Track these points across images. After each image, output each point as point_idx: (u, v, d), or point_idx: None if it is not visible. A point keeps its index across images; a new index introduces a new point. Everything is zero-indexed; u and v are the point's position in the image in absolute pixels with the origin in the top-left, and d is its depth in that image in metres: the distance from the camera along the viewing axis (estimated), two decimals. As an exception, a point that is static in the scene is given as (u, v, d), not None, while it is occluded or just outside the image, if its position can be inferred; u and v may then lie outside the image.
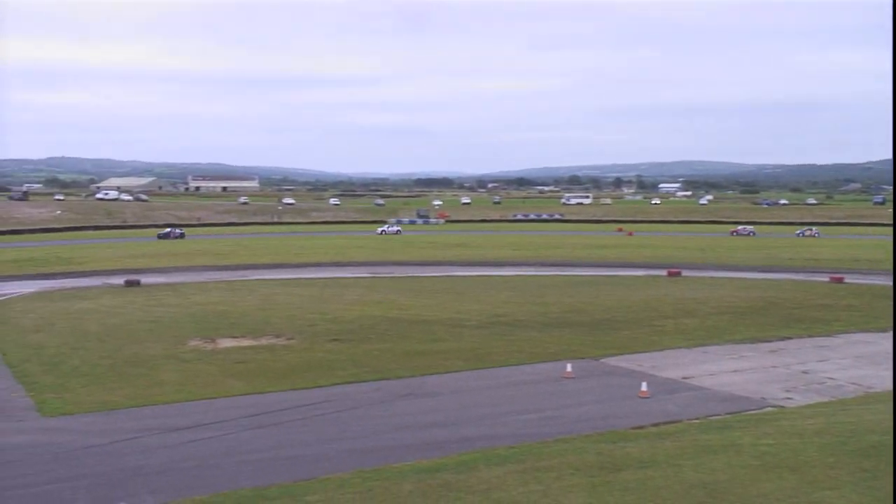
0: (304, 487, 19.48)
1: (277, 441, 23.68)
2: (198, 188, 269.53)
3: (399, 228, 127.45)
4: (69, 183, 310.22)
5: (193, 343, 38.33)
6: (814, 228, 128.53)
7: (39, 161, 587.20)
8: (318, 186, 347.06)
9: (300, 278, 65.65)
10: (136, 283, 59.92)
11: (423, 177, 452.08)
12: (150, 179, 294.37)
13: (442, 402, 28.26)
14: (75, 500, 18.96)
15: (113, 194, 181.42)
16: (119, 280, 61.83)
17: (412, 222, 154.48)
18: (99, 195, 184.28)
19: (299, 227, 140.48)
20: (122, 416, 26.58)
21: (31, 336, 39.91)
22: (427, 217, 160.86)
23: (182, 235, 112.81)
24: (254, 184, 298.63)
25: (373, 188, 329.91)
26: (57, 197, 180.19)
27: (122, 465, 21.47)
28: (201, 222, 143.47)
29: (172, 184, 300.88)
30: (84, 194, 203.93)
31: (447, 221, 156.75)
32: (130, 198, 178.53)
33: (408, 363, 34.12)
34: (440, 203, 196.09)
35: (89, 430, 24.85)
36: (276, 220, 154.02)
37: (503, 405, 27.90)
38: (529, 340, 39.20)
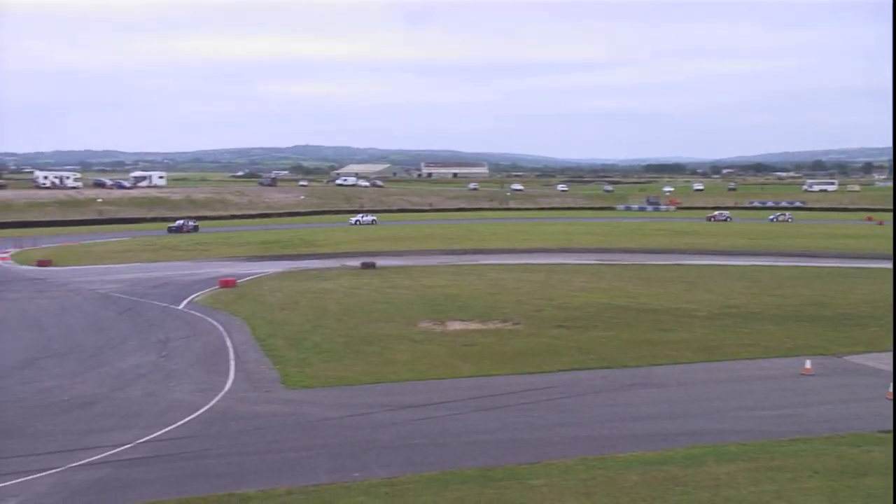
0: (528, 471, 19.74)
1: (503, 423, 24.10)
2: (430, 174, 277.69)
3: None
4: (312, 169, 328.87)
5: (424, 324, 39.66)
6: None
7: (286, 149, 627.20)
8: (547, 172, 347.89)
9: (528, 264, 66.19)
10: (372, 266, 62.65)
11: (653, 162, 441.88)
12: (386, 166, 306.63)
13: (669, 394, 27.64)
14: (315, 467, 20.25)
15: (351, 180, 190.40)
16: (356, 262, 64.98)
17: (642, 209, 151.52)
18: (338, 181, 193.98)
19: (527, 213, 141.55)
20: (357, 391, 28.02)
21: (277, 313, 42.84)
22: (657, 204, 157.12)
23: (196, 228, 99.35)
24: (483, 170, 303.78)
25: (601, 174, 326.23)
26: (301, 183, 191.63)
27: (357, 437, 22.66)
28: (432, 207, 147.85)
29: (406, 170, 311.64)
30: (325, 180, 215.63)
31: (678, 208, 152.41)
32: (367, 184, 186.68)
33: (634, 352, 33.61)
34: (671, 189, 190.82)
35: (327, 403, 26.41)
36: (504, 205, 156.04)
37: (734, 400, 26.89)
38: (764, 333, 37.45)
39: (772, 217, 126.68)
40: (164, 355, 33.81)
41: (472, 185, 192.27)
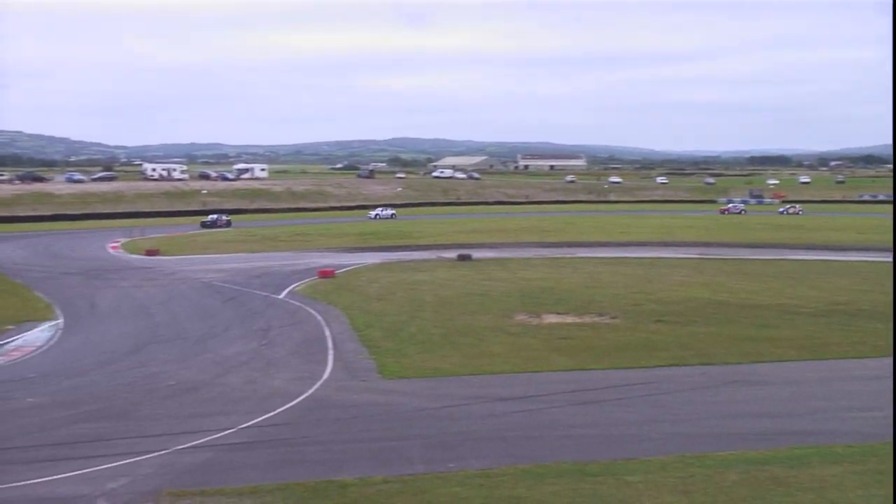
0: (624, 466, 19.52)
1: (599, 418, 23.89)
2: (527, 166, 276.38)
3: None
4: (409, 162, 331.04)
5: (519, 317, 39.59)
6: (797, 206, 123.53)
7: (384, 141, 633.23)
8: (646, 165, 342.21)
9: (625, 257, 65.35)
10: (468, 258, 62.80)
11: (756, 154, 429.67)
12: (482, 158, 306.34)
13: (772, 392, 26.91)
14: (411, 458, 20.45)
15: (448, 172, 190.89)
16: (452, 254, 65.23)
17: (745, 202, 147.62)
18: (435, 173, 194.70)
19: (625, 206, 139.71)
20: (452, 382, 28.18)
21: (374, 304, 43.39)
22: (761, 197, 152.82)
23: (228, 223, 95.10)
24: (580, 162, 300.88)
25: (702, 166, 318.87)
26: (398, 175, 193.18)
27: (452, 428, 22.79)
28: (529, 200, 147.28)
29: (503, 162, 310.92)
30: (422, 172, 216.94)
31: (783, 202, 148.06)
32: (464, 176, 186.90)
33: (735, 349, 32.83)
34: (776, 182, 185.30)
35: (423, 394, 26.64)
36: (601, 198, 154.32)
37: (841, 400, 26.02)
38: (874, 332, 36.03)
39: (781, 210, 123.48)
40: (264, 343, 34.65)
41: (569, 178, 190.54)
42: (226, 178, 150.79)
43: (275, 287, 49.30)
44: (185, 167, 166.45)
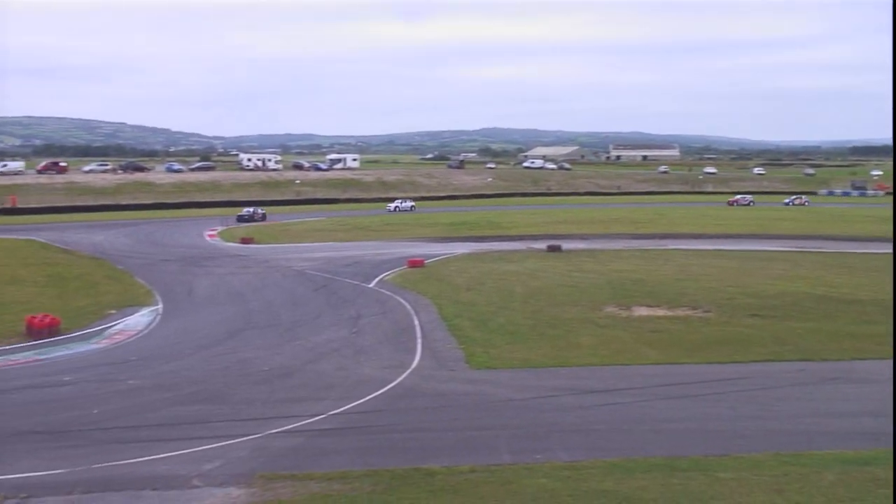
0: (716, 463, 19.17)
1: (690, 413, 23.50)
2: (618, 157, 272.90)
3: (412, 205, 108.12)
4: (499, 152, 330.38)
5: (609, 309, 39.17)
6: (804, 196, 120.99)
7: (474, 132, 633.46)
8: (742, 155, 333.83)
9: (719, 249, 63.96)
10: (558, 249, 62.40)
11: (860, 144, 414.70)
12: (574, 148, 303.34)
13: (874, 391, 25.96)
14: (498, 447, 20.47)
15: (538, 163, 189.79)
16: (542, 245, 64.92)
17: (846, 194, 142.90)
18: (526, 164, 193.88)
19: (720, 197, 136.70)
20: (540, 373, 28.07)
21: (464, 294, 43.50)
22: (864, 189, 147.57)
23: (263, 217, 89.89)
24: (674, 152, 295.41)
25: (802, 157, 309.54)
26: (488, 165, 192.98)
27: (540, 420, 22.72)
28: (620, 190, 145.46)
29: (594, 152, 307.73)
30: (512, 163, 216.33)
31: (887, 193, 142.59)
32: (554, 166, 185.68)
33: (835, 345, 31.82)
34: (880, 173, 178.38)
35: (511, 385, 26.62)
36: (695, 189, 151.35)
37: (948, 400, 24.94)
38: (985, 330, 34.45)
39: (787, 201, 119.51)
40: (355, 331, 35.12)
41: (662, 168, 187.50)
42: (318, 168, 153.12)
43: (365, 276, 49.90)
44: (279, 157, 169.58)
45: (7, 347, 32.38)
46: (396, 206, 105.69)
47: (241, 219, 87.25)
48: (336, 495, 17.32)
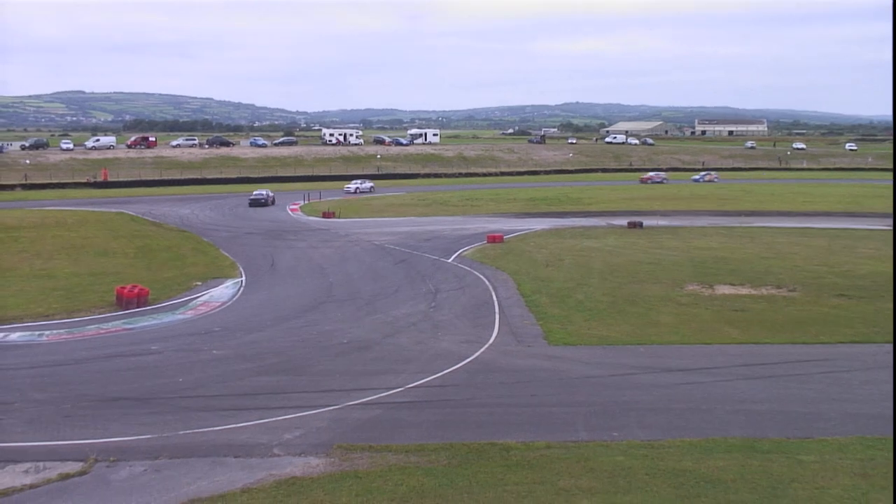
0: (798, 445, 18.79)
1: (772, 394, 23.03)
2: (703, 132, 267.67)
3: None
4: (581, 127, 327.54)
5: (691, 287, 38.57)
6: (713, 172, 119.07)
7: (556, 107, 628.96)
8: (833, 130, 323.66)
9: (807, 227, 62.26)
10: (639, 225, 61.64)
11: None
12: (657, 123, 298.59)
13: (967, 375, 25.03)
14: (574, 424, 20.41)
15: (621, 138, 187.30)
16: (622, 221, 64.19)
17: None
18: (608, 139, 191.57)
19: (809, 174, 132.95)
20: (619, 351, 27.84)
21: (542, 270, 43.33)
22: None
23: (274, 201, 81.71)
24: (762, 127, 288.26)
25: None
26: (570, 140, 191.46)
27: (617, 397, 22.56)
28: (705, 167, 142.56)
29: (678, 127, 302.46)
30: (594, 138, 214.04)
31: None
32: (637, 142, 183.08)
33: (928, 327, 30.72)
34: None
35: (589, 362, 26.47)
36: (784, 165, 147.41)
37: None
38: None
39: (696, 178, 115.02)
40: (433, 306, 35.33)
41: (749, 144, 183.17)
42: (399, 143, 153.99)
43: (444, 251, 50.10)
44: (360, 132, 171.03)
45: (98, 316, 33.55)
46: (357, 188, 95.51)
47: (252, 203, 79.99)
48: (412, 467, 17.53)
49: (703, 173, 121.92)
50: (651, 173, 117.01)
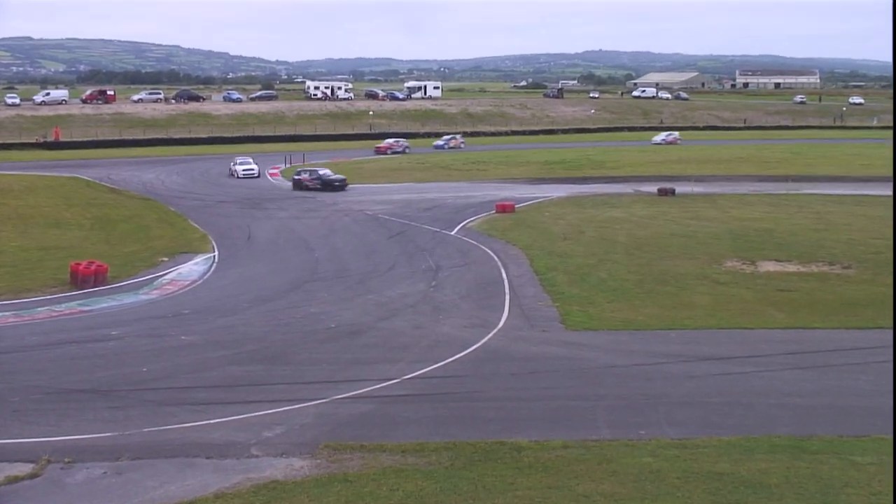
0: (851, 444, 18.86)
1: (823, 386, 23.09)
2: (746, 84, 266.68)
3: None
4: (605, 79, 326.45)
5: (730, 263, 38.59)
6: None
7: (575, 55, 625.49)
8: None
9: (865, 195, 62.12)
10: (671, 192, 61.58)
11: None
12: (692, 75, 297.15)
13: None
14: (595, 420, 20.49)
15: (650, 92, 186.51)
16: (652, 188, 64.12)
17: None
18: (635, 93, 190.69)
19: (867, 133, 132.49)
20: (646, 337, 27.91)
21: (559, 244, 43.36)
22: None
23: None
24: (813, 79, 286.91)
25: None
26: (592, 94, 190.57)
27: (644, 390, 22.62)
28: (747, 125, 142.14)
29: (717, 79, 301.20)
30: (620, 91, 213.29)
31: None
32: (669, 96, 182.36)
33: None
34: None
35: (612, 349, 26.54)
36: (838, 123, 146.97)
37: None
38: None
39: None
40: (434, 285, 35.41)
41: (798, 98, 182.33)
42: (395, 98, 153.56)
43: (446, 222, 50.13)
44: (350, 85, 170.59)
45: (50, 297, 33.61)
46: (247, 171, 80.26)
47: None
48: (410, 470, 17.61)
49: (447, 137, 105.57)
50: (389, 140, 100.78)
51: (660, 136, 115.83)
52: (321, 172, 68.09)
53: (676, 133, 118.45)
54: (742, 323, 29.40)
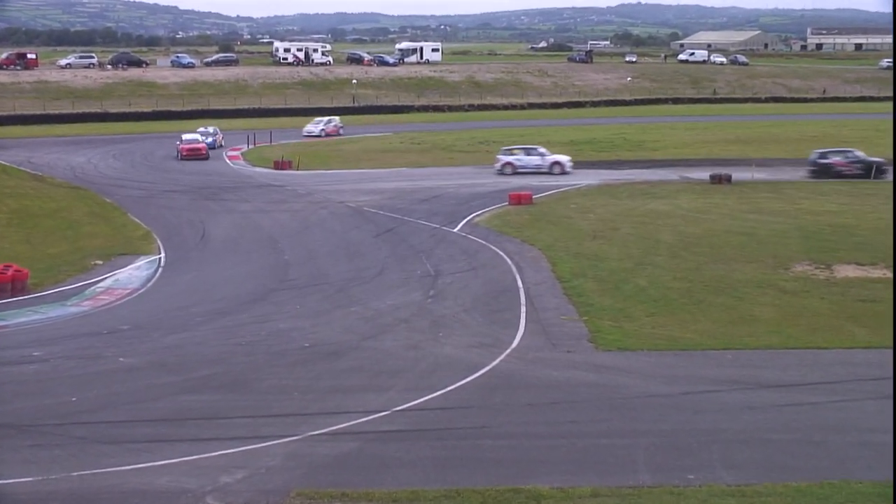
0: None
1: (915, 420, 23.10)
2: (819, 46, 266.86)
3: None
4: (644, 39, 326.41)
5: (800, 268, 38.58)
6: None
7: (609, 10, 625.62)
8: None
9: (967, 183, 62.11)
10: (726, 179, 61.50)
11: None
12: (754, 34, 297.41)
13: None
14: (634, 462, 20.43)
15: (700, 55, 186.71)
16: (703, 174, 64.06)
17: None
18: (682, 56, 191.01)
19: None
20: (696, 358, 27.92)
21: (588, 243, 43.34)
22: None
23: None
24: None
25: None
26: (628, 58, 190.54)
27: (693, 425, 22.61)
28: (822, 96, 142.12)
29: (783, 39, 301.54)
30: (663, 55, 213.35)
31: None
32: (724, 60, 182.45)
33: None
34: None
35: (654, 374, 26.52)
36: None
37: None
38: None
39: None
40: (432, 295, 35.42)
41: (884, 63, 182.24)
42: (384, 63, 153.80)
43: (447, 216, 50.19)
44: (328, 47, 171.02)
45: (-43, 309, 33.66)
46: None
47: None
48: (402, 523, 17.63)
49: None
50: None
51: (314, 125, 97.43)
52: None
53: (337, 119, 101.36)
54: (815, 341, 29.39)
